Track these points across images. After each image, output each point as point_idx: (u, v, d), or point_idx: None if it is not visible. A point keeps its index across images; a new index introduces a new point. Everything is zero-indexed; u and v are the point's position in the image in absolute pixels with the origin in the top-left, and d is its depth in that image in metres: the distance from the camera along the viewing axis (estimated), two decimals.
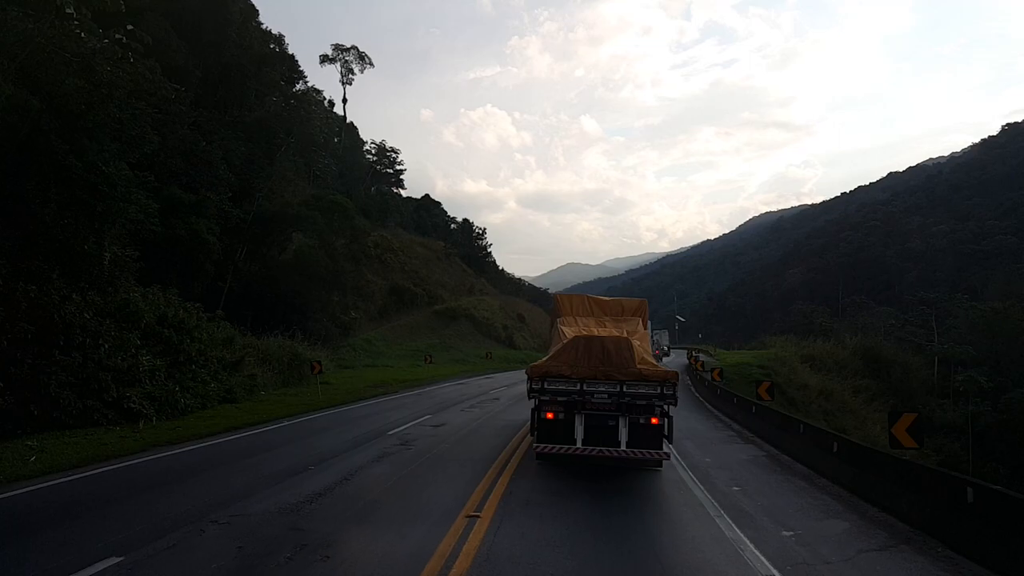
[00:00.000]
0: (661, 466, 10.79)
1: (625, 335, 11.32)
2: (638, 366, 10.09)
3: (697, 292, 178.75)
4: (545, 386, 10.25)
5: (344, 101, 74.77)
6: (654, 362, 11.08)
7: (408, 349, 43.69)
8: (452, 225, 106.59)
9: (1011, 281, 63.16)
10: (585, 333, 11.40)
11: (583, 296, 14.93)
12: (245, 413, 18.31)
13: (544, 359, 11.15)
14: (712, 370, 23.68)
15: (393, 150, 79.77)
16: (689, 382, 32.85)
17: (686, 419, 18.39)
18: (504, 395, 24.53)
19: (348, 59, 71.92)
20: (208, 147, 35.19)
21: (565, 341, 10.95)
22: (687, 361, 46.11)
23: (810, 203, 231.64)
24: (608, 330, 12.18)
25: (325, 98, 76.56)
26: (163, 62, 38.44)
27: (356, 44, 72.34)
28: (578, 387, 10.10)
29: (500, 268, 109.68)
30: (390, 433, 14.12)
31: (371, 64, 72.99)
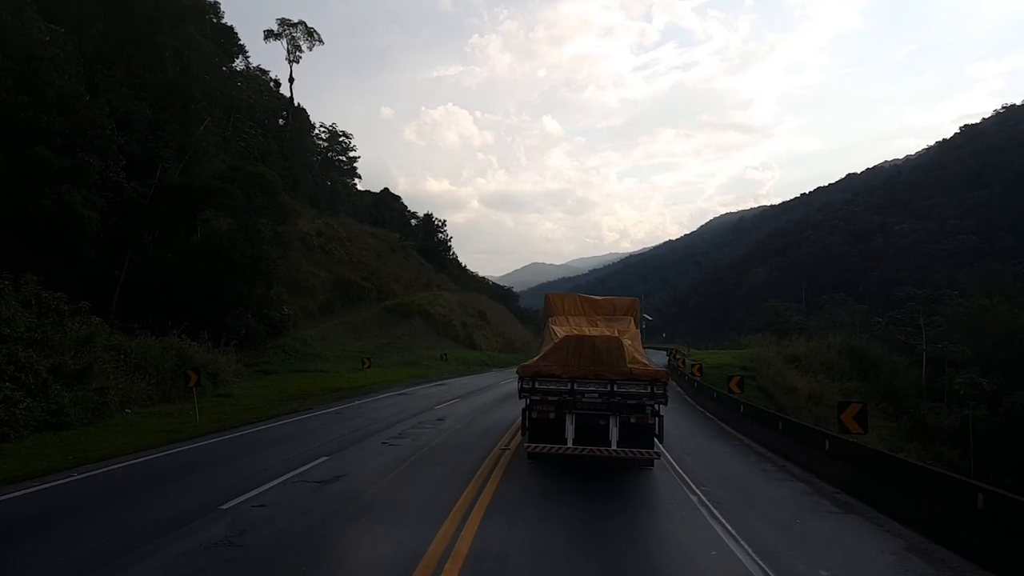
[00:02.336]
0: (652, 465, 10.35)
1: (616, 334, 10.96)
2: (628, 365, 9.81)
3: (660, 292, 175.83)
4: (536, 386, 9.95)
5: (291, 80, 67.15)
6: (645, 361, 10.65)
7: (351, 351, 37.02)
8: (413, 220, 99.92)
9: (992, 278, 59.69)
10: (576, 332, 10.94)
11: (575, 295, 14.45)
12: (55, 450, 11.87)
13: (535, 358, 10.78)
14: (729, 378, 17.91)
15: (345, 135, 72.24)
16: (680, 389, 27.29)
17: (712, 452, 12.58)
18: (454, 412, 18.27)
19: (295, 35, 64.63)
20: (93, 103, 27.94)
21: (556, 340, 10.49)
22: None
23: (768, 204, 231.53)
24: (599, 329, 11.60)
25: (271, 79, 69.17)
26: (47, 5, 31.26)
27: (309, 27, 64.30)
28: (569, 387, 9.82)
29: (463, 265, 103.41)
30: (228, 506, 7.71)
31: (320, 41, 65.82)
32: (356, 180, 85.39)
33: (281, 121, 66.62)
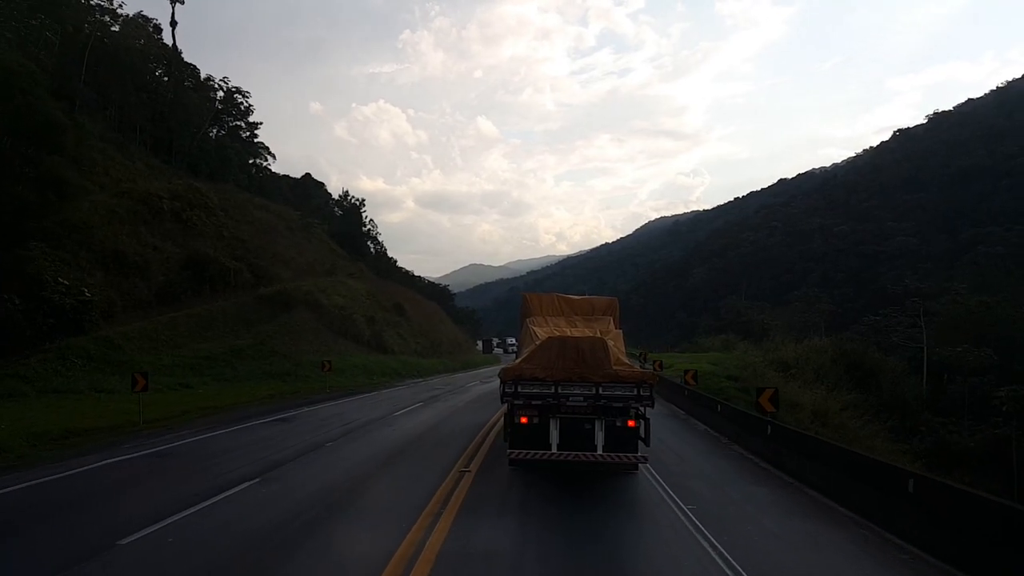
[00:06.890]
0: (637, 469, 9.76)
1: (598, 335, 10.25)
2: (614, 367, 9.16)
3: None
4: (519, 389, 9.18)
5: (173, 24, 52.06)
6: (629, 363, 9.95)
7: (188, 356, 24.03)
8: (337, 210, 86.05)
9: (986, 275, 52.23)
10: (558, 334, 10.26)
11: (552, 295, 13.11)
12: None
13: (517, 361, 10.12)
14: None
15: (240, 92, 57.34)
16: (703, 425, 16.14)
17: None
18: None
19: None
20: None
21: (538, 342, 9.78)
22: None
23: (699, 209, 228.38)
24: (580, 330, 10.90)
25: (154, 24, 54.11)
26: None
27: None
28: (553, 390, 9.11)
29: (393, 260, 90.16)
30: None
31: None
32: (271, 157, 70.68)
33: (161, 74, 51.97)
